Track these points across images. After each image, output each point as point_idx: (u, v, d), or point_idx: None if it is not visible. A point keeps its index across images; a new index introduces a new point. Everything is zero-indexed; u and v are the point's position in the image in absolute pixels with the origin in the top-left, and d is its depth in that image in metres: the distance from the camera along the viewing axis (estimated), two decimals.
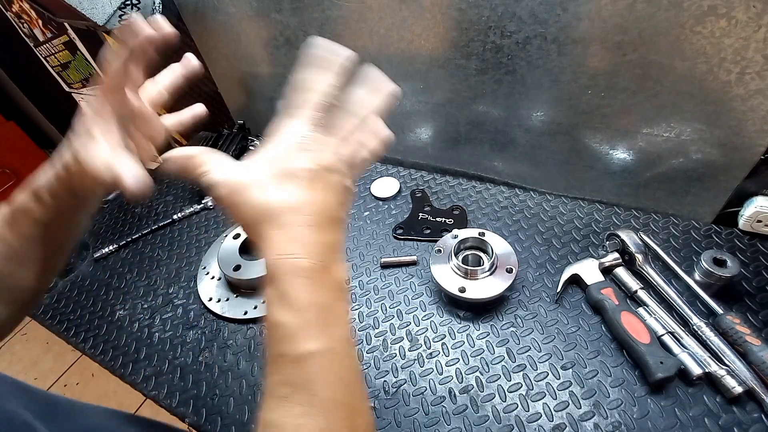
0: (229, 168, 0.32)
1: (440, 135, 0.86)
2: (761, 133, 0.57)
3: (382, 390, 0.57)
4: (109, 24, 0.80)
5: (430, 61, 0.74)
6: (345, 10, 0.74)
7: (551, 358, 0.56)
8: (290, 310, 0.28)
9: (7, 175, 1.93)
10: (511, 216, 0.78)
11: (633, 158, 0.69)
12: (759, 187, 0.64)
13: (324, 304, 0.29)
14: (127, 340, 0.70)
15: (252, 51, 0.92)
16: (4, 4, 1.51)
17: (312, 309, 0.29)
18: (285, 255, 0.29)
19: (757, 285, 0.59)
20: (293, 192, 0.30)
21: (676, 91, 0.59)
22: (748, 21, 0.50)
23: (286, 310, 0.28)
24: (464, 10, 0.64)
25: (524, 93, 0.70)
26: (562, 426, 0.50)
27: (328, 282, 0.30)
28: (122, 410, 0.41)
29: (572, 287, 0.64)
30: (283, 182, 0.30)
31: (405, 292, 0.68)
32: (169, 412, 0.60)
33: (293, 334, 0.28)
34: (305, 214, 0.30)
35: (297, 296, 0.28)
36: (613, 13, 0.56)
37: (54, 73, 1.69)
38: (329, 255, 0.31)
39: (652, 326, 0.55)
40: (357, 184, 0.33)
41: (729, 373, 0.49)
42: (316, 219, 0.31)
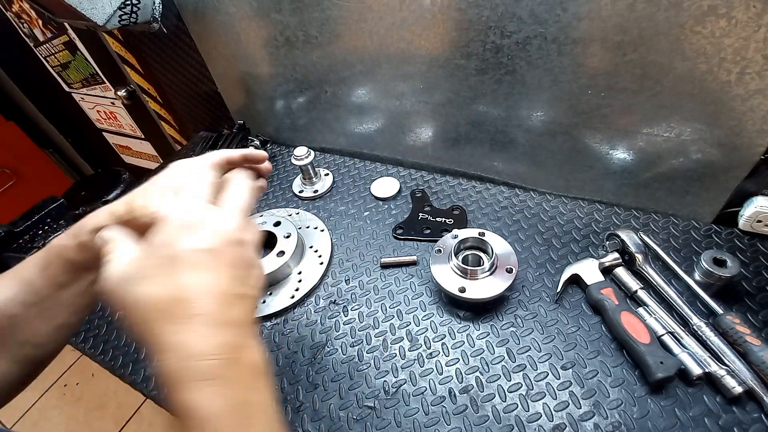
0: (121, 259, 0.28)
1: (440, 135, 0.86)
2: (761, 133, 0.57)
3: (382, 390, 0.57)
4: (109, 24, 0.80)
5: (430, 61, 0.74)
6: (345, 10, 0.74)
7: (551, 358, 0.56)
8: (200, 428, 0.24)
9: (7, 175, 1.93)
10: (511, 216, 0.78)
11: (633, 158, 0.69)
12: (759, 187, 0.64)
13: (238, 403, 0.26)
14: (127, 340, 0.70)
15: (252, 51, 0.92)
16: (4, 4, 1.51)
17: (222, 417, 0.25)
18: (182, 359, 0.25)
19: (757, 285, 0.59)
20: (185, 280, 0.26)
21: (676, 91, 0.59)
22: (748, 21, 0.50)
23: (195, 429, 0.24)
24: (464, 10, 0.64)
25: (524, 93, 0.70)
26: (562, 426, 0.50)
27: (240, 374, 0.27)
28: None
29: (572, 287, 0.64)
30: (173, 270, 0.26)
31: (405, 292, 0.68)
32: (170, 412, 0.60)
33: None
34: (201, 304, 0.26)
35: (203, 407, 0.24)
36: (613, 13, 0.56)
37: (54, 73, 1.69)
38: (238, 341, 0.27)
39: (652, 326, 0.55)
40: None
41: (729, 373, 0.49)
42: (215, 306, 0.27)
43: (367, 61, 0.80)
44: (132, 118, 1.65)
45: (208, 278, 0.27)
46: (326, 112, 0.96)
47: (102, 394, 1.67)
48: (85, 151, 2.21)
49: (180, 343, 0.25)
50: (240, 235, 0.30)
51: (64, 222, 0.88)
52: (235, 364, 0.27)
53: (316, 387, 0.58)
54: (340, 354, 0.62)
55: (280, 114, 1.04)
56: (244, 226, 0.31)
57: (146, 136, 1.70)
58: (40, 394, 1.70)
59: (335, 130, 0.99)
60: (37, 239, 0.83)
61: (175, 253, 0.27)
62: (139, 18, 0.85)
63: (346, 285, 0.72)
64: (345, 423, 0.54)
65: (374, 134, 0.94)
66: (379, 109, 0.88)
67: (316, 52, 0.84)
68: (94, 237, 0.35)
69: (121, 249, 0.30)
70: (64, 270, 0.37)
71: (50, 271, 0.37)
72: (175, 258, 0.27)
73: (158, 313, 0.26)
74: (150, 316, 0.26)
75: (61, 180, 2.17)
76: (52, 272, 0.37)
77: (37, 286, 0.37)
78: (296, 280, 0.72)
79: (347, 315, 0.67)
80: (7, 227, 0.81)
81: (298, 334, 0.65)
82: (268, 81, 0.96)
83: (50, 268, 0.37)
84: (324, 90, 0.91)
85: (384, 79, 0.81)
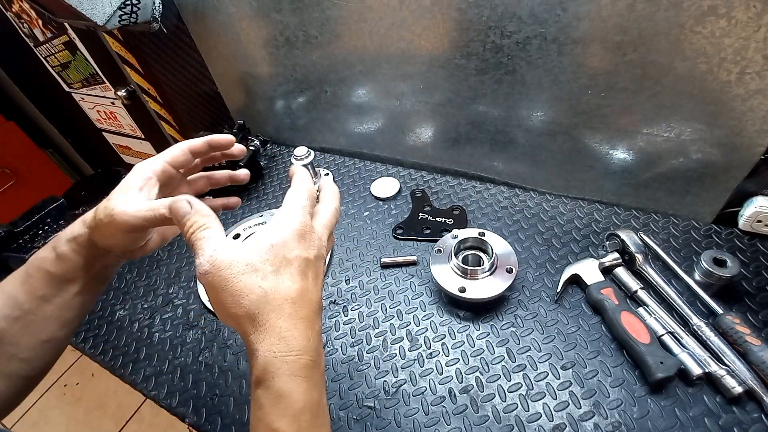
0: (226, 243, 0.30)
1: (440, 135, 0.86)
2: (761, 133, 0.57)
3: (382, 390, 0.57)
4: (109, 24, 0.80)
5: (430, 61, 0.74)
6: (345, 10, 0.74)
7: (551, 358, 0.56)
8: (286, 415, 0.27)
9: (7, 175, 1.93)
10: (511, 216, 0.78)
11: (633, 158, 0.69)
12: (759, 187, 0.64)
13: (316, 402, 0.29)
14: (127, 340, 0.70)
15: (252, 51, 0.92)
16: (4, 4, 1.51)
17: (307, 412, 0.28)
18: (284, 352, 0.28)
19: (757, 285, 0.59)
20: (291, 281, 0.30)
21: (676, 91, 0.59)
22: (748, 21, 0.50)
23: (282, 415, 0.27)
24: (464, 10, 0.64)
25: (524, 93, 0.70)
26: (562, 426, 0.50)
27: (319, 376, 0.30)
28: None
29: (572, 287, 0.64)
30: (281, 270, 0.30)
31: (405, 292, 0.68)
32: (169, 412, 0.60)
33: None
34: (303, 305, 0.30)
35: (295, 399, 0.28)
36: (613, 13, 0.56)
37: (54, 73, 1.69)
38: (319, 348, 0.31)
39: (652, 326, 0.55)
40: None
41: (729, 373, 0.49)
42: (309, 311, 0.30)
43: (367, 61, 0.80)
44: (132, 118, 1.65)
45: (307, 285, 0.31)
46: (326, 112, 0.96)
47: (102, 394, 1.67)
48: (85, 151, 2.20)
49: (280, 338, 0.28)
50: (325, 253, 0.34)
51: (64, 222, 0.88)
52: (317, 366, 0.30)
53: None
54: (340, 354, 0.62)
55: (280, 114, 1.04)
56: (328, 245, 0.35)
57: (146, 136, 1.70)
58: (40, 394, 1.70)
59: (335, 130, 0.99)
60: (37, 239, 0.83)
61: (292, 258, 0.30)
62: (139, 18, 0.85)
63: (346, 285, 0.72)
64: (345, 423, 0.54)
65: (374, 134, 0.94)
66: (379, 109, 0.88)
67: (316, 52, 0.84)
68: (69, 248, 0.37)
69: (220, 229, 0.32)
70: (45, 282, 0.37)
71: (31, 283, 0.37)
72: (291, 261, 0.30)
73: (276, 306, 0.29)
74: (267, 307, 0.28)
75: (61, 180, 2.17)
76: (33, 285, 0.37)
77: (20, 299, 0.37)
78: None
79: (347, 315, 0.67)
80: (7, 227, 0.81)
81: None
82: (268, 81, 0.96)
83: (30, 281, 0.37)
84: (324, 90, 0.91)
85: (384, 79, 0.81)
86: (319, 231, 0.34)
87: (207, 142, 0.41)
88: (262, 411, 0.28)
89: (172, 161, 0.39)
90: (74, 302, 0.39)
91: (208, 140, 0.41)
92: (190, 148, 0.40)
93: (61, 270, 0.38)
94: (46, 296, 0.37)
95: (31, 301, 0.37)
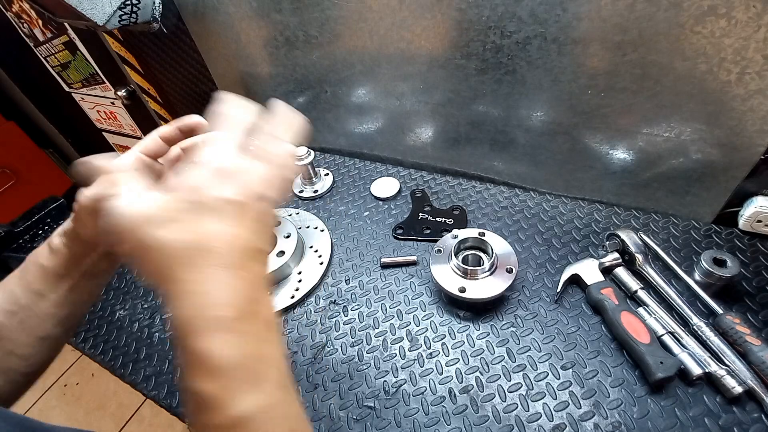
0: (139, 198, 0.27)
1: (440, 135, 0.86)
2: (761, 133, 0.57)
3: (382, 390, 0.57)
4: (109, 24, 0.80)
5: (430, 61, 0.74)
6: (345, 10, 0.74)
7: (551, 358, 0.56)
8: (206, 375, 0.24)
9: (7, 175, 1.93)
10: (511, 216, 0.78)
11: (633, 158, 0.69)
12: (759, 187, 0.64)
13: (253, 355, 0.26)
14: (127, 340, 0.70)
15: (252, 51, 0.92)
16: (4, 4, 1.51)
17: (240, 368, 0.25)
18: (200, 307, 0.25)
19: (757, 285, 0.59)
20: (210, 228, 0.26)
21: (676, 91, 0.59)
22: (748, 21, 0.50)
23: (201, 376, 0.25)
24: (464, 10, 0.64)
25: (524, 93, 0.70)
26: (562, 426, 0.50)
27: (255, 328, 0.27)
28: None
29: (572, 287, 0.64)
30: (199, 217, 0.26)
31: (405, 292, 0.68)
32: (169, 412, 0.60)
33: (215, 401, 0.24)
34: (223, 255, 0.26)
35: (220, 356, 0.25)
36: (613, 13, 0.56)
37: (54, 73, 1.69)
38: (254, 294, 0.27)
39: (652, 326, 0.55)
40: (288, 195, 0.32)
41: (729, 373, 0.49)
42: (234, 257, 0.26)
43: (367, 61, 0.80)
44: (132, 118, 1.65)
45: (233, 230, 0.27)
46: (326, 112, 0.96)
47: (102, 394, 1.67)
48: (85, 151, 2.21)
49: (201, 292, 0.25)
50: (265, 191, 0.29)
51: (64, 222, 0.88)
52: (250, 316, 0.27)
53: (316, 387, 0.58)
54: (340, 354, 0.62)
55: None
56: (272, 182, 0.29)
57: (146, 136, 1.70)
58: (40, 394, 1.70)
59: (335, 130, 0.99)
60: (37, 239, 0.83)
61: (204, 200, 0.26)
62: (139, 18, 0.85)
63: (346, 285, 0.72)
64: (345, 423, 0.54)
65: (374, 134, 0.94)
66: (379, 109, 0.88)
67: (316, 52, 0.84)
68: (60, 241, 0.37)
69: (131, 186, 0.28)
70: (39, 277, 0.37)
71: (27, 279, 0.37)
72: (203, 205, 0.26)
73: (180, 258, 0.25)
74: (171, 261, 0.25)
75: (61, 180, 2.17)
76: (29, 280, 0.37)
77: (17, 294, 0.37)
78: (296, 280, 0.72)
79: (347, 315, 0.67)
80: (7, 227, 0.81)
81: (298, 334, 0.65)
82: (268, 81, 0.96)
83: (27, 276, 0.37)
84: (324, 90, 0.91)
85: (384, 79, 0.81)
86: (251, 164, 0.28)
87: (176, 127, 0.39)
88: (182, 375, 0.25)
89: (144, 150, 0.38)
90: (68, 299, 0.38)
91: (176, 124, 0.39)
92: (160, 135, 0.39)
93: (53, 264, 0.37)
94: (40, 291, 0.37)
95: (27, 297, 0.37)
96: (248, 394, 0.25)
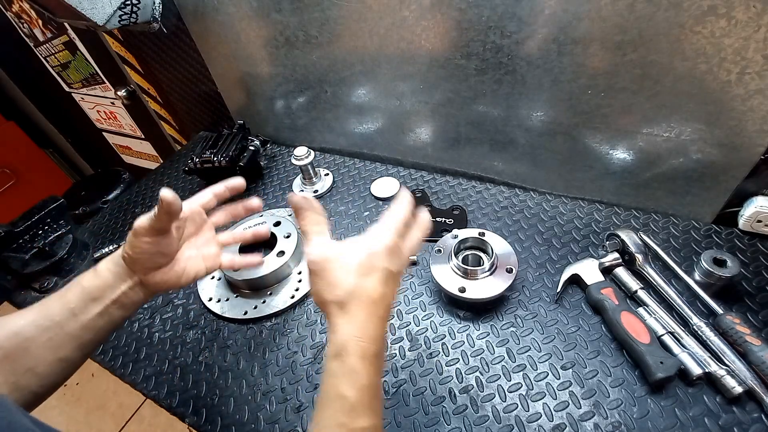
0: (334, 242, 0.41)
1: (440, 135, 0.86)
2: (761, 133, 0.57)
3: (382, 390, 0.57)
4: (109, 24, 0.80)
5: (430, 61, 0.74)
6: (345, 10, 0.74)
7: (551, 358, 0.56)
8: (354, 387, 0.34)
9: (7, 175, 1.93)
10: (511, 216, 0.78)
11: (633, 158, 0.69)
12: (759, 187, 0.64)
13: (376, 385, 0.36)
14: (127, 340, 0.70)
15: (252, 51, 0.92)
16: (4, 4, 1.51)
17: (370, 389, 0.35)
18: (360, 338, 0.35)
19: (757, 285, 0.59)
20: (376, 284, 0.37)
21: (676, 91, 0.59)
22: (748, 21, 0.50)
23: (351, 386, 0.34)
24: (464, 10, 0.64)
25: (524, 93, 0.70)
26: (562, 426, 0.50)
27: (381, 364, 0.37)
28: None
29: (572, 287, 0.64)
30: (370, 273, 0.37)
31: (405, 292, 0.68)
32: (169, 412, 0.60)
33: (354, 408, 0.34)
34: (381, 306, 0.37)
35: (363, 375, 0.34)
36: (613, 13, 0.56)
37: (54, 73, 1.69)
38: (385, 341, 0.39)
39: (652, 326, 0.55)
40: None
41: (729, 373, 0.49)
42: (385, 311, 0.38)
43: (367, 61, 0.80)
44: (132, 118, 1.65)
45: (387, 291, 0.38)
46: (326, 112, 0.96)
47: (102, 394, 1.67)
48: (85, 151, 2.21)
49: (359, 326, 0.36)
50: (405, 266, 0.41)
51: (64, 222, 0.88)
52: (382, 356, 0.37)
53: (317, 387, 0.58)
54: None
55: (280, 114, 1.04)
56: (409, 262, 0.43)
57: (146, 136, 1.70)
58: None
59: (335, 130, 0.99)
60: (37, 239, 0.83)
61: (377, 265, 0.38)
62: (139, 18, 0.85)
63: None
64: None
65: (374, 134, 0.94)
66: (379, 109, 0.89)
67: (316, 52, 0.84)
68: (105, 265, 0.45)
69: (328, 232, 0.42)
70: (77, 296, 0.42)
71: (67, 296, 0.42)
72: (380, 270, 0.38)
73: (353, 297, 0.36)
74: (354, 299, 0.36)
75: (61, 180, 2.17)
76: (68, 298, 0.42)
77: (53, 310, 0.41)
78: (296, 280, 0.72)
79: None
80: (7, 227, 0.80)
81: (298, 334, 0.65)
82: (268, 81, 0.96)
83: (67, 294, 0.42)
84: (324, 90, 0.91)
85: (384, 79, 0.81)
86: (405, 252, 0.41)
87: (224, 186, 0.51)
88: (336, 379, 0.34)
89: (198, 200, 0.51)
90: (94, 324, 0.43)
91: (224, 184, 0.52)
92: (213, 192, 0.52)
93: (91, 285, 0.43)
94: (74, 310, 0.42)
95: (61, 314, 0.41)
96: (372, 412, 0.35)
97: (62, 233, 0.87)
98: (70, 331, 0.41)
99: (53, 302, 0.42)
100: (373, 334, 0.36)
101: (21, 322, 0.40)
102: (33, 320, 0.40)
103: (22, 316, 0.41)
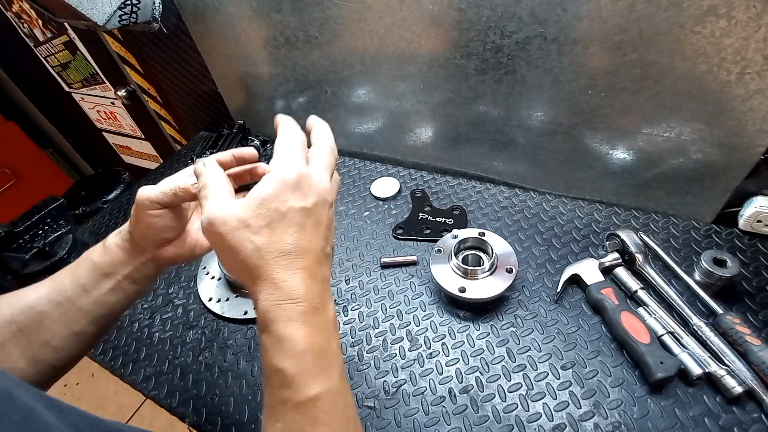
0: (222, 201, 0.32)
1: (440, 135, 0.86)
2: (761, 133, 0.57)
3: (382, 390, 0.57)
4: (109, 24, 0.80)
5: (430, 61, 0.74)
6: (345, 10, 0.74)
7: (551, 358, 0.56)
8: (288, 356, 0.29)
9: (7, 175, 1.93)
10: (511, 216, 0.78)
11: (633, 158, 0.69)
12: (759, 187, 0.64)
13: (320, 346, 0.30)
14: (127, 340, 0.70)
15: (252, 51, 0.92)
16: (4, 4, 1.51)
17: (309, 353, 0.30)
18: (281, 300, 0.30)
19: (757, 285, 0.59)
20: (284, 234, 0.31)
21: (676, 91, 0.59)
22: (748, 21, 0.50)
23: (283, 356, 0.29)
24: (464, 10, 0.64)
25: (524, 93, 0.70)
26: (562, 426, 0.50)
27: (322, 323, 0.31)
28: None
29: (572, 287, 0.64)
30: (274, 223, 0.31)
31: (405, 292, 0.68)
32: (169, 412, 0.60)
33: (293, 380, 0.29)
34: (299, 257, 0.31)
35: (296, 342, 0.29)
36: (613, 13, 0.56)
37: (54, 73, 1.69)
38: (322, 295, 0.32)
39: (652, 326, 0.55)
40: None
41: (729, 373, 0.49)
42: (309, 261, 0.31)
43: (367, 61, 0.80)
44: (132, 118, 1.65)
45: (306, 236, 0.31)
46: (326, 112, 0.96)
47: (102, 394, 1.67)
48: (85, 151, 2.21)
49: (276, 288, 0.30)
50: (329, 197, 0.34)
51: (64, 222, 0.88)
52: (319, 313, 0.31)
53: None
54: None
55: None
56: (331, 188, 0.34)
57: (146, 136, 1.71)
58: None
59: (335, 130, 0.97)
60: (37, 239, 0.83)
61: (286, 210, 0.31)
62: (139, 18, 0.85)
63: (346, 285, 0.72)
64: None
65: (374, 134, 0.94)
66: (379, 109, 0.89)
67: (316, 52, 0.84)
68: (114, 241, 0.41)
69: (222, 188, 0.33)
70: (88, 272, 0.40)
71: (78, 272, 0.41)
72: (286, 214, 0.31)
73: (270, 259, 0.30)
74: (261, 261, 0.30)
75: (61, 180, 2.17)
76: (79, 273, 0.41)
77: (65, 285, 0.40)
78: None
79: (347, 315, 0.67)
80: (7, 227, 0.81)
81: None
82: (268, 81, 0.96)
83: (78, 270, 0.41)
84: (324, 90, 0.91)
85: (384, 79, 0.81)
86: (316, 176, 0.33)
87: (231, 154, 0.43)
88: (268, 353, 0.30)
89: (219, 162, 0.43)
90: (107, 299, 0.41)
91: (232, 152, 0.43)
92: (217, 159, 0.42)
93: (102, 261, 0.41)
94: (86, 286, 0.40)
95: (73, 289, 0.40)
96: (319, 378, 0.30)
97: (62, 233, 0.87)
98: (82, 306, 0.40)
99: (65, 277, 0.41)
100: (298, 292, 0.30)
101: (34, 296, 0.39)
102: (45, 294, 0.39)
103: (34, 291, 0.40)
